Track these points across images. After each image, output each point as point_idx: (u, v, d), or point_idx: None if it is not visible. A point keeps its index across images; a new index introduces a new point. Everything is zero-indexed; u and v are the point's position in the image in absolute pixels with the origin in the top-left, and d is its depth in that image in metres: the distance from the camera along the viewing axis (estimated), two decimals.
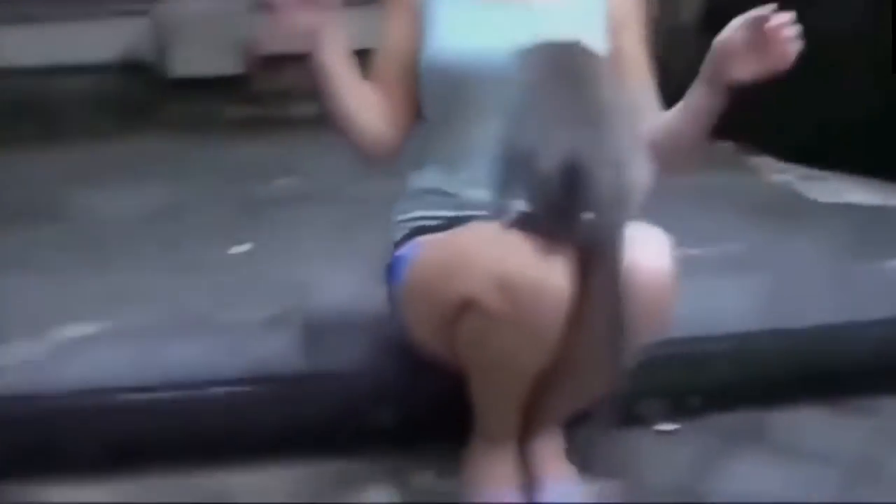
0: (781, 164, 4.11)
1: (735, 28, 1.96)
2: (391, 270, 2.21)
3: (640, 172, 1.88)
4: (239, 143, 4.61)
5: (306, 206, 3.58)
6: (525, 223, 1.88)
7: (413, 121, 2.20)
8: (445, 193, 2.20)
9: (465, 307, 1.86)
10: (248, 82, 5.07)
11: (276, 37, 2.02)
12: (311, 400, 2.40)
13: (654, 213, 3.10)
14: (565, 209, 1.82)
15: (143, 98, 5.00)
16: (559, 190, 1.82)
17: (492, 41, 2.06)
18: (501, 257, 1.82)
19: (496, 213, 1.94)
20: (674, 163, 2.02)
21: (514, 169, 1.90)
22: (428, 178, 2.23)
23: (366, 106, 2.14)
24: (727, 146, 4.28)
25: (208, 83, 5.01)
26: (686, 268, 2.91)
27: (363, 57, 2.14)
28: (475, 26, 2.09)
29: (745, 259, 3.06)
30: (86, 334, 2.64)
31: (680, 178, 2.10)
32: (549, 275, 1.82)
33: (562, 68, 1.88)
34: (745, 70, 1.94)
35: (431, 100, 2.18)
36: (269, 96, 5.01)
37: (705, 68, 1.99)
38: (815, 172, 3.94)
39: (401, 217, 2.26)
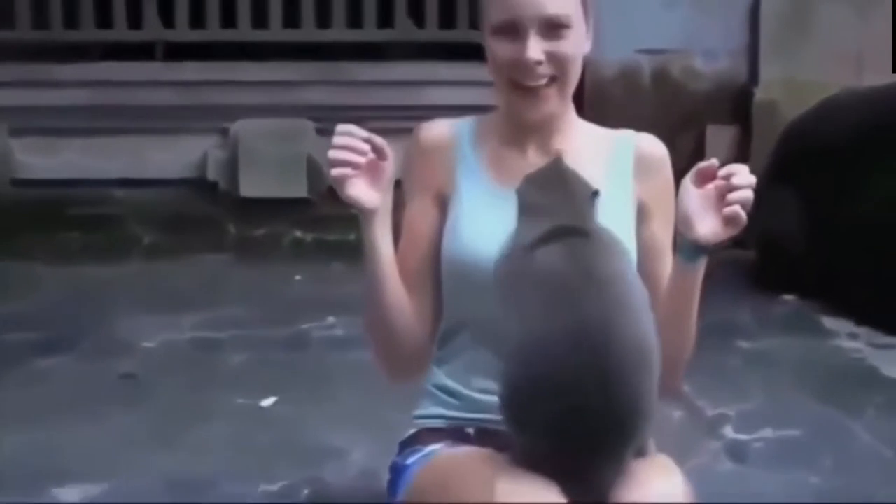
0: (853, 328, 3.71)
1: (686, 184, 1.69)
2: (394, 473, 1.93)
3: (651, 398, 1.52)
4: (298, 269, 4.40)
5: (348, 351, 3.32)
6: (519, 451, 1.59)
7: (439, 318, 1.92)
8: (458, 394, 1.92)
9: None
10: (314, 206, 4.88)
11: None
12: None
13: (704, 379, 2.92)
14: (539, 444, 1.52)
15: (210, 216, 4.84)
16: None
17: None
18: None
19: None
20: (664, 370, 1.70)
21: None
22: (444, 374, 1.96)
23: (401, 295, 1.86)
24: (791, 300, 3.96)
25: (276, 204, 4.84)
26: (733, 455, 2.69)
27: None
28: (498, 222, 1.81)
29: (800, 450, 2.70)
30: (81, 498, 2.40)
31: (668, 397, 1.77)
32: None
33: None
34: (705, 229, 1.66)
35: (450, 294, 1.91)
36: (334, 221, 4.80)
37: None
38: (893, 340, 3.55)
39: (415, 412, 1.99)
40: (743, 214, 1.64)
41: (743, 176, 1.67)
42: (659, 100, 4.90)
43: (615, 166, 1.87)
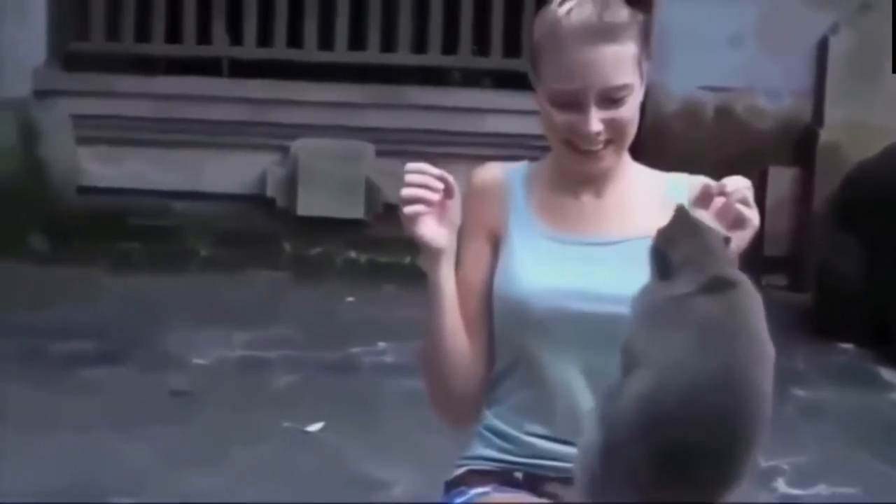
0: None
1: (694, 212, 1.67)
2: None
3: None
4: (351, 290, 4.36)
5: (397, 379, 3.25)
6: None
7: (493, 362, 1.86)
8: (508, 437, 1.85)
9: None
10: (369, 227, 4.84)
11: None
12: None
13: None
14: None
15: (267, 232, 4.82)
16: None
17: (566, 282, 1.72)
18: None
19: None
20: None
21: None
22: (494, 416, 1.89)
23: (461, 336, 1.80)
24: (848, 349, 3.84)
25: (332, 224, 4.81)
26: None
27: None
28: (548, 264, 1.75)
29: None
30: None
31: None
32: None
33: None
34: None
35: (502, 335, 1.84)
36: (389, 243, 4.75)
37: None
38: None
39: (463, 452, 1.91)
40: (745, 210, 1.64)
41: (733, 181, 1.66)
42: (721, 137, 4.80)
43: (671, 207, 1.82)
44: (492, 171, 1.85)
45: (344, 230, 4.80)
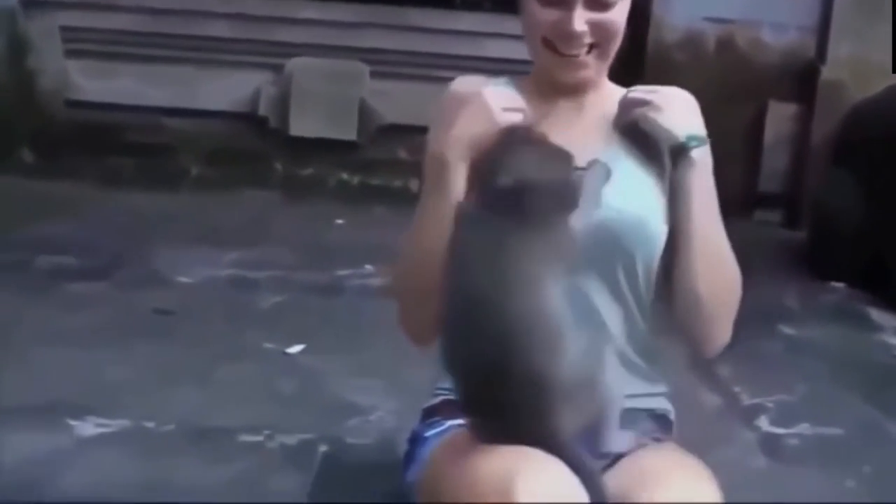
0: None
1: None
2: (412, 444, 1.83)
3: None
4: (341, 212, 4.30)
5: (382, 302, 3.19)
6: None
7: None
8: None
9: None
10: (362, 149, 4.76)
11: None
12: None
13: (743, 364, 2.79)
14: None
15: (258, 151, 4.74)
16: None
17: None
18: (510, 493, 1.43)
19: None
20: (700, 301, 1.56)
21: None
22: None
23: None
24: (840, 288, 3.79)
25: (324, 144, 4.73)
26: (767, 450, 2.56)
27: None
28: None
29: (838, 450, 2.54)
30: (101, 434, 2.33)
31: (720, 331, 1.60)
32: None
33: None
34: None
35: None
36: (381, 165, 4.69)
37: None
38: None
39: (439, 384, 1.86)
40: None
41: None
42: (722, 69, 4.71)
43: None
44: (473, 83, 1.76)
45: (336, 151, 4.73)
